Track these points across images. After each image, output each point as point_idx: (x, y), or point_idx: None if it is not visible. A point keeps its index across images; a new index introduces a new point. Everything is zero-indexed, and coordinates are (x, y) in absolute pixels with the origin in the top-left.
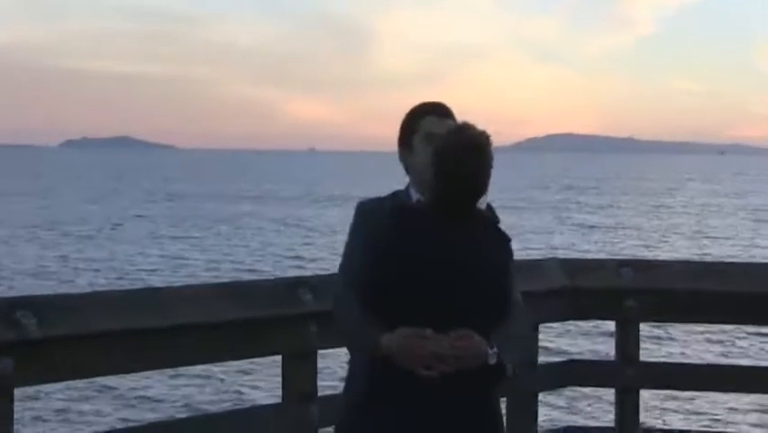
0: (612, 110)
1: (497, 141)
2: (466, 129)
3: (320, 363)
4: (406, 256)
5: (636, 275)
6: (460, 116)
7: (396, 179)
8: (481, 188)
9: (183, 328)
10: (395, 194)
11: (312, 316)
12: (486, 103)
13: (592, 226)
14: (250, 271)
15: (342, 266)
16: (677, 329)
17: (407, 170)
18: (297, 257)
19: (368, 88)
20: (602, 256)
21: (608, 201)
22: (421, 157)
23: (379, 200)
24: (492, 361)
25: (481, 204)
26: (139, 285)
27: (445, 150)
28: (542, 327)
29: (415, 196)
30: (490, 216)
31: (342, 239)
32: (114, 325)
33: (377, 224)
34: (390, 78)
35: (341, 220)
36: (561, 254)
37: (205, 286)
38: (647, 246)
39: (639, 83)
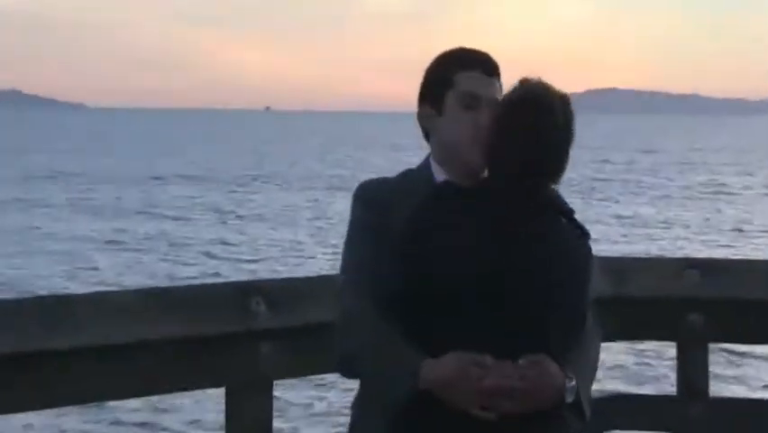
0: (672, 60)
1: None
2: (550, 88)
3: (277, 397)
4: (453, 255)
5: (705, 280)
6: None
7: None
8: (561, 166)
9: (90, 351)
10: (405, 174)
11: (267, 334)
12: (504, 49)
13: (631, 217)
14: (171, 277)
15: (346, 269)
16: (760, 352)
17: (428, 137)
18: (240, 260)
19: (342, 28)
20: (657, 254)
21: (662, 180)
22: (454, 124)
23: (385, 182)
24: (570, 398)
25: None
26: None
27: (530, 107)
28: None
29: (437, 170)
30: (564, 204)
31: (309, 234)
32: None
33: (410, 212)
34: (373, 14)
35: (312, 207)
36: (600, 252)
37: (125, 293)
38: (717, 244)
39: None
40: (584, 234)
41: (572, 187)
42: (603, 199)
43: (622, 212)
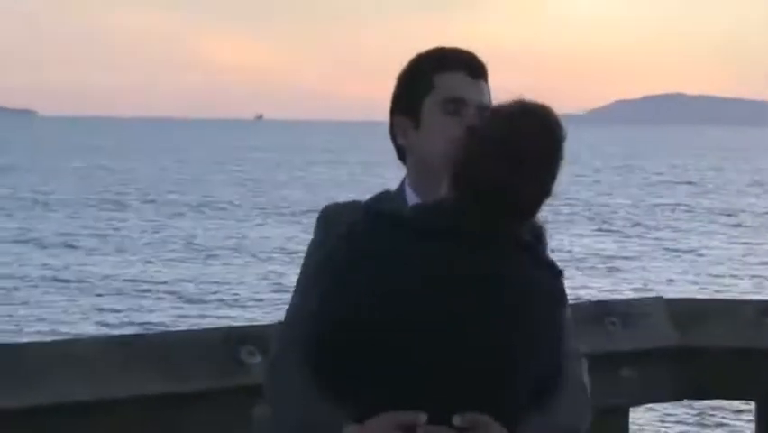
0: (746, 62)
1: (560, 105)
2: (532, 105)
3: None
4: (383, 296)
5: None
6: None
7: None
8: (540, 190)
9: (45, 412)
10: (380, 197)
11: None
12: (534, 47)
13: (692, 252)
14: (141, 325)
15: (288, 310)
16: None
17: (402, 154)
18: (221, 300)
19: (336, 19)
20: (727, 295)
21: (734, 204)
22: (434, 135)
23: (352, 205)
24: None
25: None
26: None
27: (510, 125)
28: (632, 411)
29: (412, 198)
30: (529, 239)
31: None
32: None
33: (337, 239)
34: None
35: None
36: (662, 292)
37: (87, 342)
38: None
39: None
40: (554, 273)
41: (616, 213)
42: (655, 229)
43: (683, 245)
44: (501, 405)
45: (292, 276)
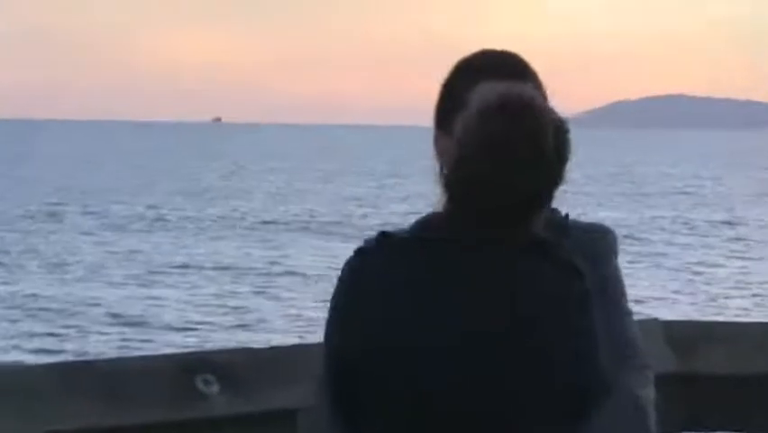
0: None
1: (561, 106)
2: (518, 96)
3: None
4: (383, 327)
5: None
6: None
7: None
8: (532, 185)
9: None
10: (427, 218)
11: (221, 424)
12: (528, 41)
13: (688, 270)
14: (80, 355)
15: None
16: None
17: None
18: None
19: (303, 15)
20: (730, 318)
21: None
22: None
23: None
24: None
25: (537, 221)
26: None
27: (472, 123)
28: None
29: None
30: (545, 237)
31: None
32: None
33: (344, 268)
34: None
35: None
36: (660, 313)
37: (29, 369)
38: None
39: None
40: (578, 277)
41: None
42: (649, 242)
43: (678, 261)
44: None
45: (249, 296)
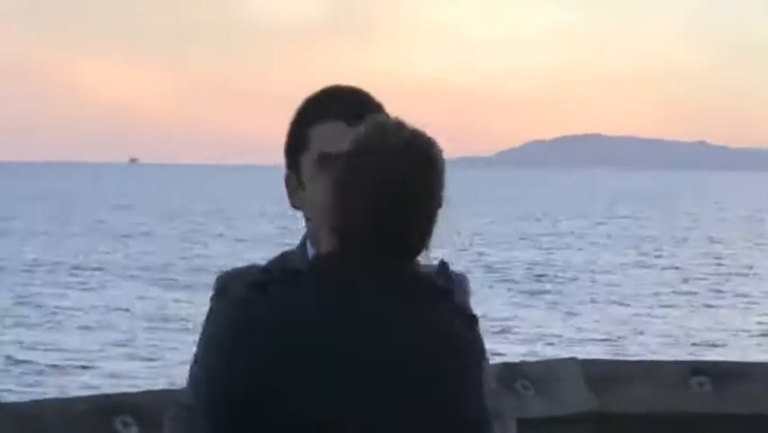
0: (675, 99)
1: (474, 148)
2: (399, 129)
3: None
4: (279, 352)
5: (720, 391)
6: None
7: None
8: (425, 224)
9: None
10: (281, 259)
11: None
12: (447, 85)
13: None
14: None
15: (190, 373)
16: None
17: (300, 209)
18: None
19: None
20: (656, 357)
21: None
22: (313, 194)
23: (249, 270)
24: None
25: (425, 259)
26: None
27: (355, 160)
28: None
29: (312, 254)
30: (439, 281)
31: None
32: None
33: (233, 303)
34: (281, 25)
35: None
36: (579, 353)
37: None
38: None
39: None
40: (467, 320)
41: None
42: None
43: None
44: None
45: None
